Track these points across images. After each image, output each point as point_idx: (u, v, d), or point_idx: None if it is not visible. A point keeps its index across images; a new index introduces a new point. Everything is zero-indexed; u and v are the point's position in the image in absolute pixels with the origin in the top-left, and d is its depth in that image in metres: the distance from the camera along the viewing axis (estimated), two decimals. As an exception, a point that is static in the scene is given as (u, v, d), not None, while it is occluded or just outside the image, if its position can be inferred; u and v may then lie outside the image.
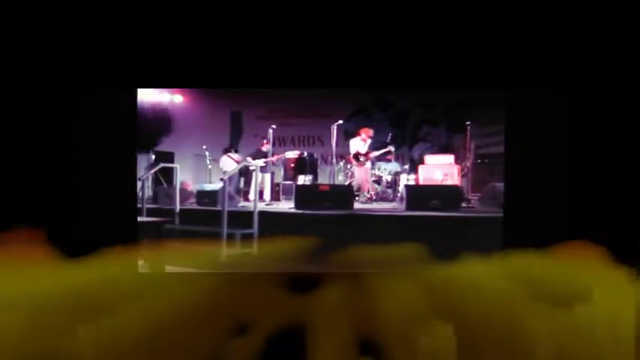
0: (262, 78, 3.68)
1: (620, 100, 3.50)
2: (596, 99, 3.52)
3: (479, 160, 7.54)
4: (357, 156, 7.88)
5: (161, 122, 9.21)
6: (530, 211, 3.73)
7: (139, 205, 5.92)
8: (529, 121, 3.79)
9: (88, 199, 3.66)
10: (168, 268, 4.29)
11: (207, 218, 6.08)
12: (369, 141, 7.96)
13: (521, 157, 3.82)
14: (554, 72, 3.53)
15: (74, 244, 3.32)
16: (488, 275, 2.44)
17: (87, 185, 3.66)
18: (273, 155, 8.04)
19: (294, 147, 9.48)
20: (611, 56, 3.53)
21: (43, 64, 3.45)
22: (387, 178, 7.93)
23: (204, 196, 7.32)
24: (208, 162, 9.00)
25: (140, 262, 4.01)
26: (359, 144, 7.95)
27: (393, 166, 8.04)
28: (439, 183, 7.14)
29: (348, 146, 8.02)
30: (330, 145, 7.68)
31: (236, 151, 8.76)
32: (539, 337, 2.25)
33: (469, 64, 3.57)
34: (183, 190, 7.49)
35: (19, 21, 3.34)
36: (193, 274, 3.95)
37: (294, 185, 7.56)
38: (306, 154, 8.78)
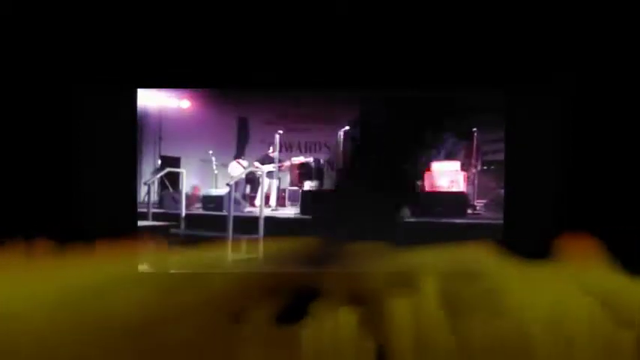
0: (262, 78, 3.68)
1: (621, 102, 3.46)
2: (597, 101, 3.49)
3: (485, 167, 7.47)
4: None
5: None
6: (530, 216, 3.70)
7: (144, 210, 5.94)
8: (529, 125, 3.76)
9: (88, 199, 3.67)
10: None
11: (213, 223, 6.07)
12: None
13: (522, 162, 3.79)
14: (554, 71, 3.52)
15: (74, 244, 3.33)
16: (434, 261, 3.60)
17: (87, 185, 3.67)
18: (280, 162, 8.01)
19: (300, 153, 9.42)
20: (613, 59, 3.50)
21: (43, 64, 3.47)
22: (393, 184, 7.87)
23: (209, 201, 7.30)
24: (214, 167, 8.98)
25: (142, 266, 4.01)
26: None
27: (400, 173, 7.97)
28: (445, 190, 7.09)
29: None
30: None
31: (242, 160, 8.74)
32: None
33: (470, 63, 3.56)
34: (192, 195, 7.49)
35: (19, 21, 3.37)
36: (195, 274, 3.96)
37: (300, 191, 7.53)
38: (312, 159, 8.73)
